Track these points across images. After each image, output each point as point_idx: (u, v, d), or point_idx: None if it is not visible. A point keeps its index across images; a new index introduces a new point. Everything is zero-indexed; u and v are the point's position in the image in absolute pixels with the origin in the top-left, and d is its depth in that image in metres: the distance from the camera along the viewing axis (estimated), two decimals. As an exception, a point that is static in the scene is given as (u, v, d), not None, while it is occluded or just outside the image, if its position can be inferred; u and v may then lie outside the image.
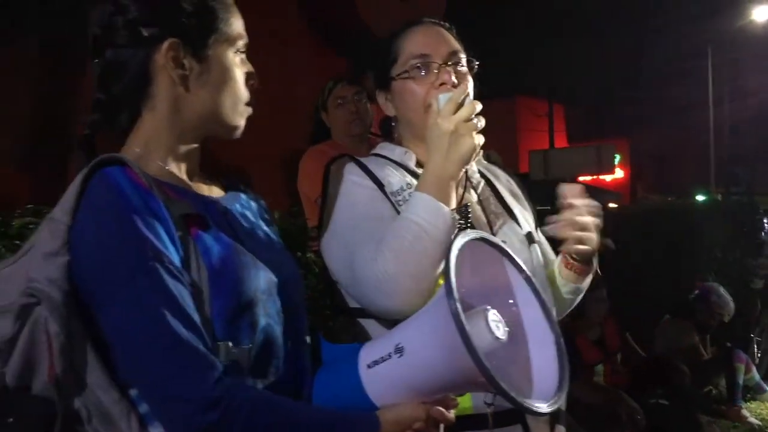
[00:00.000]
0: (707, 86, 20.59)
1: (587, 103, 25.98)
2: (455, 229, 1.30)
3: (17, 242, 1.65)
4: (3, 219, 1.72)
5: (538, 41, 20.16)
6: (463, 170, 1.37)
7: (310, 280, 2.08)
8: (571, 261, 1.53)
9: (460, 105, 1.31)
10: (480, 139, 1.32)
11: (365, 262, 1.31)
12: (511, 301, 1.12)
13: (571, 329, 4.06)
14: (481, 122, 1.32)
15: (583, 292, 1.60)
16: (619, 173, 22.41)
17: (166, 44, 1.11)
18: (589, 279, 1.58)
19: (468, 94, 1.35)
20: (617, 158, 15.60)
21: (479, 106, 1.32)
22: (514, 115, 22.27)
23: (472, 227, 1.37)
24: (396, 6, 8.64)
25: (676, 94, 23.43)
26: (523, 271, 1.14)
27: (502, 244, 1.15)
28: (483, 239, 1.11)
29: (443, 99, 1.34)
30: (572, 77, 21.76)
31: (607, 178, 21.41)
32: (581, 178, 17.79)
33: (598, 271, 1.58)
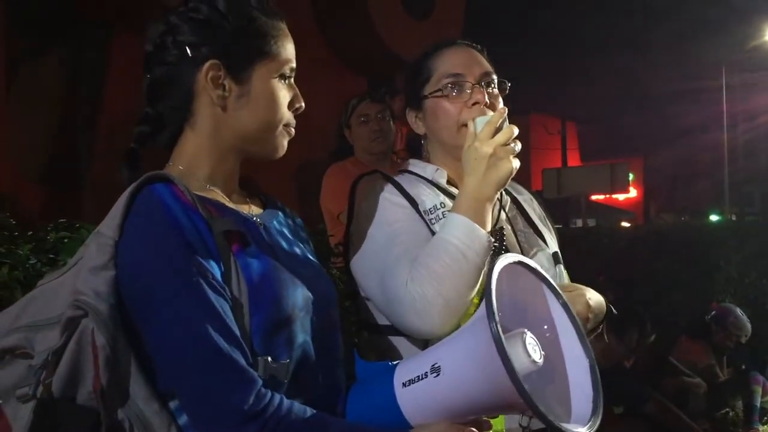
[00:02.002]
0: (721, 106, 20.56)
1: (601, 121, 25.96)
2: (490, 252, 1.31)
3: (52, 256, 1.68)
4: (37, 233, 1.75)
5: (552, 60, 20.21)
6: (499, 192, 1.38)
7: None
8: None
9: (498, 128, 1.33)
10: (516, 163, 1.34)
11: (400, 281, 1.31)
12: (546, 325, 1.13)
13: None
14: (518, 146, 1.34)
15: None
16: (632, 192, 22.33)
17: (207, 65, 1.14)
18: None
19: (506, 118, 1.37)
20: (631, 177, 15.54)
21: (516, 130, 1.34)
22: (528, 133, 22.28)
23: (506, 250, 1.39)
24: (413, 26, 8.72)
25: (690, 113, 23.39)
26: (560, 296, 1.15)
27: (539, 269, 1.16)
28: (521, 263, 1.12)
29: (480, 122, 1.36)
30: (586, 96, 21.77)
31: (621, 197, 21.36)
32: (594, 197, 17.81)
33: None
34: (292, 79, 1.23)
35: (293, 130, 1.23)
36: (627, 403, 4.05)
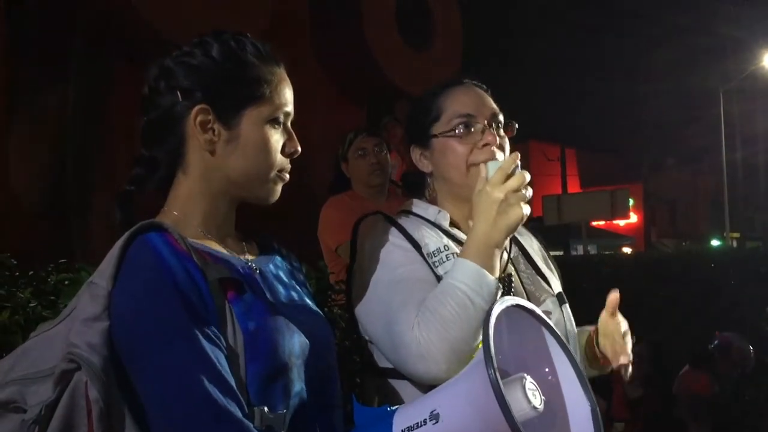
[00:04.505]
0: (720, 131, 20.64)
1: (600, 147, 26.06)
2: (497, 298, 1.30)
3: (53, 298, 1.67)
4: (37, 274, 1.74)
5: (551, 87, 20.35)
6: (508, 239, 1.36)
7: (336, 336, 2.08)
8: (601, 355, 1.56)
9: (510, 174, 1.32)
10: (527, 210, 1.32)
11: (406, 326, 1.30)
12: (546, 369, 1.12)
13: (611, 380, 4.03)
14: (529, 192, 1.33)
15: None
16: (633, 217, 22.34)
17: (195, 109, 1.14)
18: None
19: (518, 164, 1.35)
20: (631, 202, 15.55)
21: (528, 177, 1.33)
22: (528, 160, 22.36)
23: (513, 295, 1.37)
24: (413, 57, 8.78)
25: (689, 138, 23.49)
26: (559, 337, 1.14)
27: (538, 311, 1.15)
28: (519, 306, 1.12)
29: (493, 166, 1.35)
30: (585, 122, 21.88)
31: (621, 222, 21.35)
32: (595, 223, 17.80)
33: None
34: (289, 124, 1.22)
35: (287, 175, 1.22)
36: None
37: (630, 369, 1.52)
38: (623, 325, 1.52)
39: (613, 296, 1.53)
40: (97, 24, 6.54)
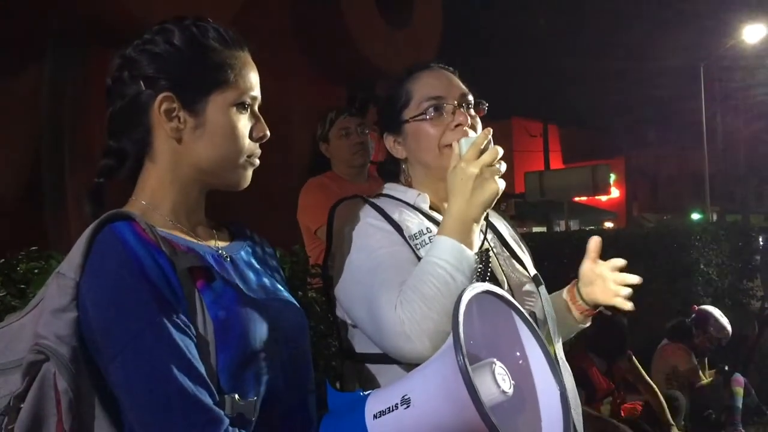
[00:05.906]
0: (700, 105, 20.75)
1: (582, 123, 26.16)
2: (476, 274, 1.30)
3: (22, 286, 1.66)
4: (7, 262, 1.72)
5: (534, 63, 20.32)
6: (485, 214, 1.37)
7: (311, 320, 2.08)
8: (584, 306, 1.60)
9: (483, 149, 1.33)
10: (502, 184, 1.33)
11: (389, 306, 1.29)
12: (518, 353, 1.13)
13: (586, 361, 4.08)
14: (503, 167, 1.33)
15: None
16: (614, 192, 22.49)
17: (159, 97, 1.14)
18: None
19: (490, 139, 1.36)
20: (612, 178, 15.64)
21: (501, 151, 1.33)
22: (510, 136, 22.40)
23: (491, 272, 1.38)
24: (392, 35, 8.72)
25: (671, 113, 23.62)
26: (530, 322, 1.15)
27: (508, 296, 1.16)
28: (489, 292, 1.12)
29: (465, 143, 1.35)
30: (567, 98, 21.91)
31: (603, 198, 21.50)
32: (577, 199, 17.90)
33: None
34: (256, 108, 1.21)
35: (257, 160, 1.22)
36: (606, 356, 4.19)
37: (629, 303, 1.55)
38: (616, 261, 1.58)
39: (595, 241, 1.58)
40: (72, 8, 6.42)
